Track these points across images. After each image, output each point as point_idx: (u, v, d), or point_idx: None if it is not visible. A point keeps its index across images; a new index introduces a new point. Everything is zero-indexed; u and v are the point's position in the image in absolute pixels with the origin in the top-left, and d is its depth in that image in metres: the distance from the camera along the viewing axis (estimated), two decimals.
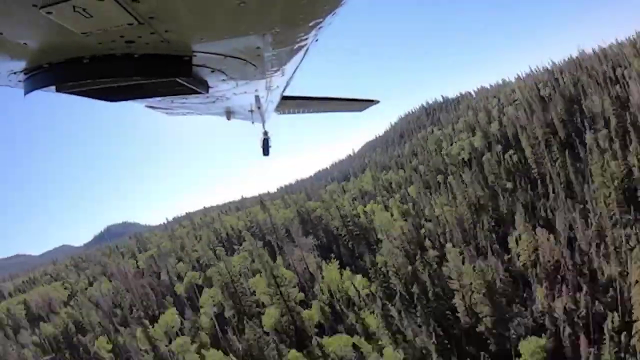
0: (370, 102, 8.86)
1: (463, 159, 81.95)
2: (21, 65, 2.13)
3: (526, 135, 69.81)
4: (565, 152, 54.31)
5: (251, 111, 5.71)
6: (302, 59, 3.11)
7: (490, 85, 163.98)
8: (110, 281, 77.05)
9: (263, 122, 7.60)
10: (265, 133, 7.94)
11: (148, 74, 2.17)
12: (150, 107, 4.47)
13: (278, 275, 39.95)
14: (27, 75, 2.22)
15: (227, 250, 68.76)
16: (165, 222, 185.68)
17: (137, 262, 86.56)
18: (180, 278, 61.48)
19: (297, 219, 76.51)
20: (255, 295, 42.11)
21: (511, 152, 71.61)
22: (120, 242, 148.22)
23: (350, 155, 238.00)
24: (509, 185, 57.13)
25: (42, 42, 1.88)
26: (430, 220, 54.98)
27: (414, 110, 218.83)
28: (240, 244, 70.36)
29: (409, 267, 38.99)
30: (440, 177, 76.94)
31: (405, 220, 57.95)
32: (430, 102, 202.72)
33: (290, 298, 36.70)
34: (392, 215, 63.59)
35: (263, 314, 36.33)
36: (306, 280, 46.12)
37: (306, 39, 2.39)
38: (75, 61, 2.04)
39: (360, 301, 37.03)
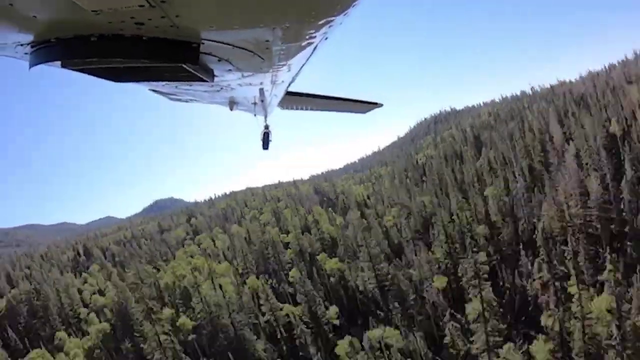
0: (374, 104, 8.97)
1: (422, 163, 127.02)
2: (28, 37, 2.16)
3: (456, 150, 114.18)
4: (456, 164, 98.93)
5: (254, 104, 5.79)
6: (310, 56, 3.20)
7: (494, 100, 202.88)
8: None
9: (265, 116, 7.60)
10: (267, 127, 7.85)
11: (155, 57, 2.22)
12: (154, 90, 4.60)
13: (299, 208, 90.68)
14: (33, 48, 2.26)
15: None
16: (214, 197, 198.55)
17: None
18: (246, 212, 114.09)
19: (313, 191, 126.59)
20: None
21: (446, 161, 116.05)
22: (174, 212, 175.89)
23: (374, 151, 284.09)
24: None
25: (51, 16, 1.91)
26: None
27: (427, 118, 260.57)
28: (279, 202, 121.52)
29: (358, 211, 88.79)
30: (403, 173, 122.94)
31: (369, 195, 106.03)
32: (442, 110, 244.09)
33: (302, 213, 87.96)
34: (364, 191, 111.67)
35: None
36: (310, 212, 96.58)
37: (316, 36, 2.47)
38: (83, 38, 2.08)
39: (332, 221, 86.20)
